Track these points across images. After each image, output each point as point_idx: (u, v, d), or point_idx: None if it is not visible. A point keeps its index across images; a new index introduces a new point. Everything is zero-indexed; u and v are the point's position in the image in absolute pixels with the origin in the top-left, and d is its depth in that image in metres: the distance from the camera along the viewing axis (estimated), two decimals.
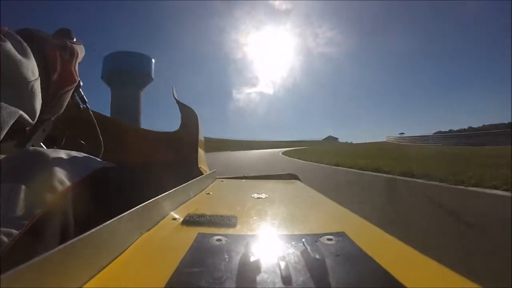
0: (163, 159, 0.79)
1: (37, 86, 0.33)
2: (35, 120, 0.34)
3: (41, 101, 0.34)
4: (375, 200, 2.41)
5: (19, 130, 0.33)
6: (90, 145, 0.62)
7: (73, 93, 0.58)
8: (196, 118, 0.78)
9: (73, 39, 0.51)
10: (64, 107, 0.46)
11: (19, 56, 0.29)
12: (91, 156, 0.39)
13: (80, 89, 0.60)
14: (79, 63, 0.51)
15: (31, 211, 0.25)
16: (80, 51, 0.49)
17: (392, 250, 0.25)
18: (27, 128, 0.34)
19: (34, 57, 0.33)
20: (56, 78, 0.40)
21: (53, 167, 0.31)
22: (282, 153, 16.68)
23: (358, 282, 0.18)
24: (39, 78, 0.33)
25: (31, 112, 0.32)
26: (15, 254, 0.22)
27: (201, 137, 0.80)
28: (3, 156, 0.35)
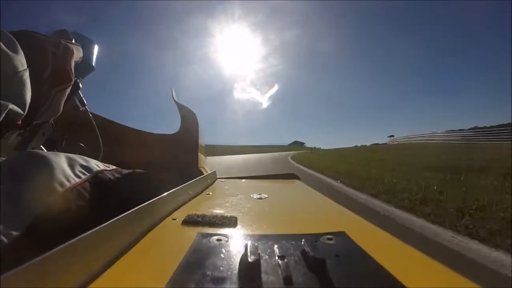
0: (163, 161, 0.79)
1: (26, 77, 0.33)
2: (26, 111, 0.34)
3: (30, 92, 0.34)
4: None
5: (10, 123, 0.34)
6: (90, 147, 0.62)
7: (72, 95, 0.58)
8: (196, 119, 0.78)
9: (71, 39, 0.51)
10: (61, 109, 0.46)
11: (4, 48, 0.29)
12: (90, 159, 0.39)
13: (80, 91, 0.60)
14: (76, 64, 0.51)
15: (30, 212, 0.25)
16: (77, 51, 0.49)
17: (392, 250, 0.25)
18: (19, 122, 0.34)
19: (24, 51, 0.33)
20: (48, 75, 0.40)
21: (52, 169, 0.31)
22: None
23: (358, 282, 0.18)
24: (27, 69, 0.33)
25: (21, 103, 0.32)
26: (14, 254, 0.22)
27: (201, 138, 0.80)
28: (3, 158, 0.35)
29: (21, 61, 0.32)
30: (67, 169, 0.33)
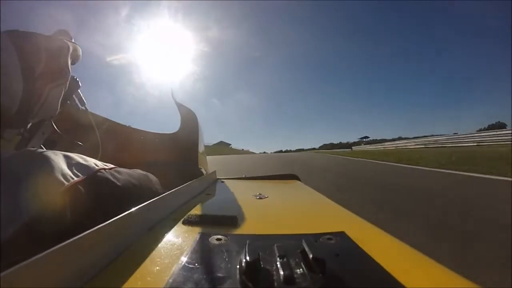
0: (163, 160, 0.79)
1: (16, 70, 0.34)
2: (17, 104, 0.34)
3: (22, 86, 0.35)
4: None
5: (3, 118, 0.34)
6: (89, 147, 0.62)
7: (71, 94, 0.58)
8: (196, 119, 0.78)
9: (71, 39, 0.51)
10: (57, 107, 0.46)
11: None
12: (89, 158, 0.39)
13: (79, 91, 0.60)
14: (75, 63, 0.51)
15: (28, 210, 0.25)
16: (75, 50, 0.49)
17: (391, 250, 0.25)
18: (12, 115, 0.35)
19: (15, 48, 0.34)
20: (42, 71, 0.40)
21: (51, 167, 0.31)
22: None
23: (358, 281, 0.18)
24: (18, 64, 0.34)
25: (12, 95, 0.33)
26: (12, 251, 0.22)
27: (201, 138, 0.80)
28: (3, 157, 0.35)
29: (10, 55, 0.32)
30: (65, 168, 0.33)
